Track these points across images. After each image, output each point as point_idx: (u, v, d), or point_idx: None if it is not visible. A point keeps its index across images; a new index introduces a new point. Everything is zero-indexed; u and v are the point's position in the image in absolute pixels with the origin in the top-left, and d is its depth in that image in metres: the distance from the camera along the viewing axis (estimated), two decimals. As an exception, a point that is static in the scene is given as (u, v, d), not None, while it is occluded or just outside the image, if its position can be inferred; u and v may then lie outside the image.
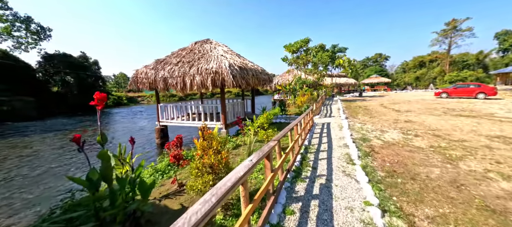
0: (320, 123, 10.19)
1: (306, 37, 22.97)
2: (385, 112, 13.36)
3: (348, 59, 26.71)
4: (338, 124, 9.48)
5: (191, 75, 8.76)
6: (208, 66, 8.58)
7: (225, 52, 9.97)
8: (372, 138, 7.05)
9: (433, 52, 63.87)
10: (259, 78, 11.07)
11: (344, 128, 8.31)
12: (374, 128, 8.75)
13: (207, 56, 9.35)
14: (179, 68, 9.19)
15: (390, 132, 8.00)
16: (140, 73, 10.06)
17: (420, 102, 18.73)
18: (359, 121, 10.55)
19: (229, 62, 8.71)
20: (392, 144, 6.38)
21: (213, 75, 8.37)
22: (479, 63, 53.29)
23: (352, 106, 17.62)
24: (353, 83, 41.66)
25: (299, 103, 14.89)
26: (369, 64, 71.95)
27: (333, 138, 7.18)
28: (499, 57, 52.73)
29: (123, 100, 49.07)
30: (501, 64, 48.69)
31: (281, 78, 28.34)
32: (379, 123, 9.72)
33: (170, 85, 9.22)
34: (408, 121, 10.02)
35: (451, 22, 54.82)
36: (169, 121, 10.90)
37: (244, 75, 9.12)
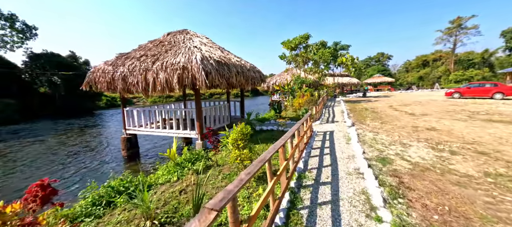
0: (321, 131, 8.19)
1: (305, 33, 21.01)
2: (397, 115, 11.36)
3: (351, 57, 24.74)
4: (344, 134, 7.48)
5: (154, 72, 6.81)
6: (174, 60, 6.62)
7: (201, 43, 8.01)
8: (393, 158, 5.06)
9: (436, 51, 62.10)
10: (247, 77, 9.09)
11: (353, 141, 6.32)
12: (391, 139, 6.75)
13: (177, 48, 7.39)
14: (140, 63, 7.23)
15: (414, 145, 6.01)
16: (97, 70, 8.11)
17: (432, 103, 16.73)
18: (369, 128, 8.56)
19: (203, 55, 6.75)
20: (426, 169, 4.38)
21: (180, 72, 6.41)
22: (484, 62, 51.34)
23: (357, 108, 15.62)
24: (356, 83, 39.69)
25: (296, 105, 12.90)
26: (371, 63, 69.94)
27: (339, 157, 5.18)
28: (505, 56, 50.73)
29: (117, 101, 47.23)
30: (507, 63, 46.69)
31: (280, 77, 26.37)
32: (395, 132, 7.72)
33: (130, 85, 7.26)
34: (431, 128, 8.02)
35: (456, 20, 52.91)
36: (137, 129, 8.94)
37: (223, 72, 7.15)
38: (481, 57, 50.43)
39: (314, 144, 6.42)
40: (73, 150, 10.58)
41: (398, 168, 4.44)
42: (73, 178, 7.18)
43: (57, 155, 9.81)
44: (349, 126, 8.88)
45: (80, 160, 9.03)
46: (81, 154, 9.87)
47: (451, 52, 55.07)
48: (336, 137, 7.10)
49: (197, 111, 7.46)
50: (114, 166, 8.38)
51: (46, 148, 11.18)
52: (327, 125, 9.33)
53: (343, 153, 5.43)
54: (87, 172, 7.68)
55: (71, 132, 15.37)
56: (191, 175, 5.10)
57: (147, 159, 9.20)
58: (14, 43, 35.33)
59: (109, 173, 7.64)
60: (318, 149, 5.88)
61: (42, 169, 8.02)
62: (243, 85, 9.29)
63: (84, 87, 8.43)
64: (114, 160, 9.06)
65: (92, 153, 10.04)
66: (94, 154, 9.80)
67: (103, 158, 9.34)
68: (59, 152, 10.37)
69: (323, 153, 5.57)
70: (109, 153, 9.95)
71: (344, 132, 7.79)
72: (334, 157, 5.18)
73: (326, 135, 7.48)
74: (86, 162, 8.73)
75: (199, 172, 5.21)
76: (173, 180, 5.05)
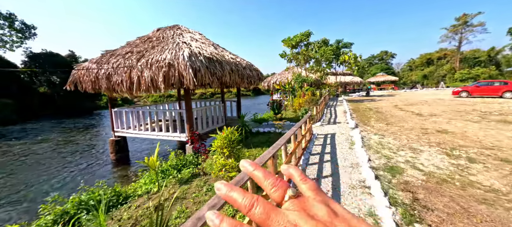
0: (321, 134, 7.57)
1: (307, 30, 20.36)
2: (404, 116, 10.68)
3: (354, 55, 23.97)
4: (346, 137, 6.84)
5: (138, 70, 6.24)
6: (160, 57, 6.05)
7: (192, 39, 7.42)
8: (403, 166, 4.43)
9: (441, 49, 61.08)
10: (242, 75, 8.50)
11: (357, 146, 5.69)
12: (399, 143, 6.11)
13: (164, 44, 6.81)
14: (125, 61, 6.67)
15: (426, 151, 5.37)
16: (82, 68, 7.58)
17: (439, 102, 15.98)
18: (374, 130, 7.91)
19: (191, 51, 6.16)
20: (443, 182, 3.75)
21: (166, 69, 5.83)
22: (491, 60, 50.18)
23: (361, 108, 14.94)
24: (359, 82, 38.88)
25: (296, 106, 12.26)
26: (374, 62, 68.91)
27: (341, 165, 4.56)
28: (512, 54, 49.57)
29: (117, 100, 46.96)
30: (514, 61, 45.60)
31: (280, 76, 25.73)
32: (402, 135, 7.07)
33: (115, 84, 6.70)
34: (442, 131, 7.35)
35: (462, 17, 51.79)
36: (126, 131, 8.41)
37: (214, 70, 6.55)
38: (488, 55, 49.31)
39: (314, 149, 5.80)
40: (59, 154, 10.08)
41: (410, 180, 3.82)
42: (52, 185, 6.65)
43: (41, 160, 9.32)
44: (352, 128, 8.24)
45: (64, 165, 8.51)
46: (67, 158, 9.36)
47: (457, 50, 54.03)
48: (338, 141, 6.47)
49: (187, 112, 6.89)
50: (100, 171, 7.85)
51: (30, 151, 10.71)
52: (329, 127, 8.70)
53: (345, 160, 4.81)
54: (68, 179, 7.15)
55: (64, 134, 14.93)
56: (173, 186, 4.53)
57: (137, 163, 8.68)
58: (14, 42, 35.20)
59: (93, 179, 7.12)
60: (317, 155, 5.26)
61: (18, 176, 7.51)
62: (238, 84, 8.71)
63: (68, 87, 7.91)
64: (101, 164, 8.53)
65: (79, 157, 9.53)
66: (81, 158, 9.29)
67: (90, 162, 8.81)
68: (43, 156, 9.89)
69: (323, 159, 4.96)
70: (97, 157, 9.43)
71: (346, 135, 7.16)
72: (336, 165, 4.57)
73: (327, 139, 6.86)
74: (70, 167, 8.21)
75: (183, 182, 4.64)
76: (153, 191, 4.48)
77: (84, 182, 6.73)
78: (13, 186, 6.57)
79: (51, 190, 6.25)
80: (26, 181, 7.00)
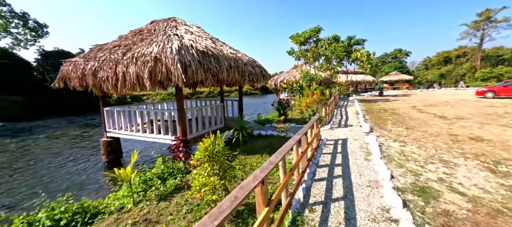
0: (331, 140, 6.63)
1: (316, 26, 19.26)
2: (425, 119, 9.51)
3: (367, 52, 22.57)
4: (360, 144, 5.88)
5: (124, 65, 5.55)
6: (146, 50, 5.32)
7: (186, 32, 6.67)
8: (438, 187, 3.46)
9: (460, 47, 57.85)
10: (243, 72, 7.67)
11: (374, 156, 4.74)
12: (426, 153, 5.09)
13: (154, 37, 6.09)
14: (111, 55, 6.01)
15: (462, 165, 4.35)
16: (70, 64, 7.01)
17: (463, 103, 14.52)
18: (392, 136, 6.89)
19: (182, 44, 5.39)
20: (497, 213, 2.78)
21: (152, 64, 5.09)
22: (516, 58, 46.86)
23: (374, 108, 13.76)
24: (371, 81, 37.17)
25: (303, 106, 11.30)
26: (387, 60, 66.22)
27: (356, 184, 3.65)
28: (540, 51, 46.06)
29: (127, 98, 47.38)
30: (542, 59, 42.33)
31: (288, 74, 24.72)
32: (427, 142, 6.02)
33: (101, 80, 6.06)
34: (476, 138, 6.23)
35: (484, 13, 48.53)
36: (117, 132, 7.81)
37: (209, 66, 5.76)
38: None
39: (322, 159, 4.89)
40: (52, 155, 9.66)
41: (451, 209, 2.87)
42: (36, 189, 6.10)
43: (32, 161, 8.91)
44: (367, 132, 7.25)
45: (55, 167, 8.03)
46: (60, 159, 8.90)
47: (478, 48, 50.80)
48: (351, 149, 5.53)
49: (179, 112, 6.15)
50: (90, 174, 7.28)
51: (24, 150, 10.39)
52: (339, 131, 7.73)
53: (361, 176, 3.89)
54: (54, 183, 6.61)
55: (64, 132, 14.69)
56: (151, 202, 3.78)
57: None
58: (28, 41, 36.16)
59: (79, 184, 6.55)
60: (326, 168, 4.36)
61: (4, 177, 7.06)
62: (238, 81, 7.90)
63: (57, 84, 7.39)
64: (93, 167, 7.99)
65: (72, 158, 9.05)
66: (73, 159, 8.80)
67: (82, 164, 8.30)
68: (38, 156, 9.50)
69: (333, 174, 4.06)
70: (90, 158, 8.91)
71: (361, 141, 6.19)
72: (349, 183, 3.66)
73: (337, 145, 5.92)
74: (60, 169, 7.71)
75: (163, 197, 3.89)
76: (127, 207, 3.76)
77: (67, 189, 6.17)
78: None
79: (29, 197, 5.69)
80: (7, 185, 6.51)
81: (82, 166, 7.99)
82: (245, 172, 4.63)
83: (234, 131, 6.00)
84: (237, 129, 5.85)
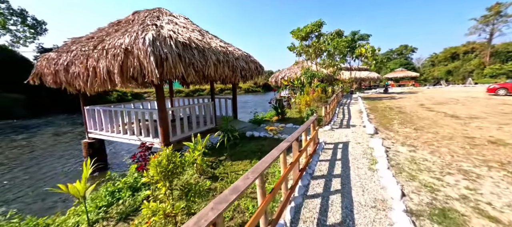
0: (330, 143, 5.91)
1: (318, 20, 18.38)
2: (435, 118, 8.71)
3: (372, 48, 21.61)
4: (364, 149, 5.14)
5: (94, 59, 4.90)
6: (117, 42, 4.65)
7: (169, 22, 5.97)
8: (461, 209, 2.74)
9: (468, 43, 56.21)
10: (235, 67, 6.99)
11: (380, 165, 4.01)
12: (441, 161, 4.35)
13: (130, 27, 5.42)
14: (82, 48, 5.36)
15: (486, 176, 3.61)
16: (43, 59, 6.40)
17: (474, 101, 13.60)
18: (400, 138, 6.14)
19: (159, 34, 4.71)
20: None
21: (122, 58, 4.43)
22: (527, 54, 45.23)
23: (379, 107, 12.94)
24: (376, 78, 36.08)
25: (302, 105, 10.56)
26: (393, 56, 64.71)
27: (358, 203, 2.95)
28: (552, 47, 44.31)
29: (127, 96, 47.03)
30: (555, 55, 40.68)
31: (289, 71, 23.89)
32: (440, 146, 5.27)
33: (72, 77, 5.43)
34: (497, 141, 5.45)
35: (494, 7, 46.80)
36: (98, 133, 7.21)
37: (191, 60, 5.07)
38: (523, 48, 44.46)
39: (318, 167, 4.18)
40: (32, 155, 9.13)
41: (484, 245, 2.16)
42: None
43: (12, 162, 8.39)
44: (371, 134, 6.51)
45: (34, 169, 7.48)
46: (40, 161, 8.36)
47: (487, 43, 49.17)
48: (353, 155, 4.81)
49: (160, 112, 5.50)
50: (69, 178, 6.70)
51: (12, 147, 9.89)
52: (340, 132, 7.00)
53: (365, 192, 3.18)
54: (29, 187, 6.04)
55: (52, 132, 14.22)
56: (108, 224, 3.14)
57: (115, 168, 7.50)
58: (27, 38, 35.98)
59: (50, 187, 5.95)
60: (322, 180, 3.66)
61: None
62: (229, 78, 7.20)
63: (31, 81, 6.80)
64: (74, 170, 7.43)
65: (55, 159, 8.51)
66: (55, 161, 8.26)
67: (64, 166, 7.75)
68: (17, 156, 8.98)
69: (330, 189, 3.36)
70: (75, 160, 8.36)
71: (364, 145, 5.46)
72: (349, 202, 2.96)
73: (337, 150, 5.20)
74: (40, 172, 7.16)
75: (124, 216, 3.25)
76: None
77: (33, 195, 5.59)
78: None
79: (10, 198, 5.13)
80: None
81: (56, 171, 7.42)
82: (228, 182, 3.96)
83: (223, 133, 5.33)
84: (224, 131, 5.18)
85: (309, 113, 7.64)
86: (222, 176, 4.30)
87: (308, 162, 4.16)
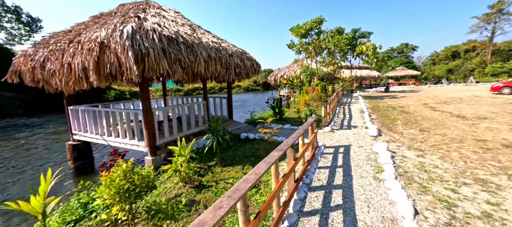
0: (330, 147, 5.46)
1: (318, 16, 17.85)
2: (441, 119, 8.26)
3: (373, 46, 21.12)
4: (367, 154, 4.69)
5: (70, 54, 4.44)
6: (93, 35, 4.18)
7: (155, 15, 5.50)
8: (488, 232, 2.31)
9: (469, 41, 55.81)
10: (228, 64, 6.52)
11: (387, 173, 3.56)
12: (454, 168, 3.90)
13: (110, 19, 4.95)
14: (58, 42, 4.89)
15: (506, 187, 3.17)
16: (21, 56, 5.93)
17: (478, 100, 13.16)
18: (405, 141, 5.69)
19: (141, 26, 4.24)
20: None
21: (98, 53, 3.97)
22: (530, 53, 44.83)
23: (381, 106, 12.49)
24: (376, 76, 35.61)
25: (301, 104, 10.10)
26: (393, 55, 64.16)
27: (362, 222, 2.50)
28: (554, 45, 43.87)
29: (126, 94, 46.46)
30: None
31: (289, 69, 23.40)
32: (451, 150, 4.83)
33: (48, 74, 4.96)
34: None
35: (496, 5, 46.28)
36: (83, 134, 6.76)
37: (177, 55, 4.60)
38: (525, 46, 44.03)
39: (316, 176, 3.73)
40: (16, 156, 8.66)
41: None
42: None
43: None
44: (374, 136, 6.06)
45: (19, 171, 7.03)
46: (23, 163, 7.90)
47: (489, 42, 48.68)
48: (356, 161, 4.36)
49: (144, 113, 5.04)
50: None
51: None
52: (341, 134, 6.55)
53: (370, 208, 2.73)
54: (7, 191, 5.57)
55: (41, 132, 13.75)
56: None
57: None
58: (22, 36, 35.40)
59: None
60: (321, 192, 3.21)
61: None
62: (222, 76, 6.73)
63: (9, 79, 6.32)
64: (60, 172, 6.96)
65: (41, 161, 8.06)
66: (42, 163, 7.81)
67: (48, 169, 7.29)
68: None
69: (330, 203, 2.91)
70: (62, 161, 7.91)
71: (367, 149, 5.01)
72: (352, 220, 2.51)
73: (338, 155, 4.75)
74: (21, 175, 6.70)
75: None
76: None
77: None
78: None
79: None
80: None
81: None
82: (215, 193, 3.51)
83: (210, 136, 4.87)
84: (213, 133, 4.72)
85: (307, 114, 7.19)
86: (210, 185, 3.85)
87: (305, 170, 3.71)
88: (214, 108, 9.24)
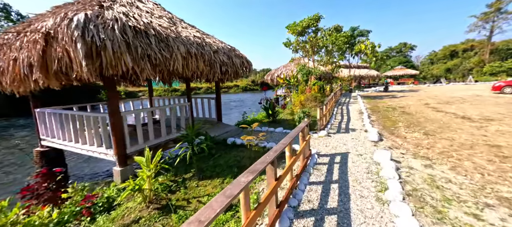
0: (326, 155, 4.81)
1: (316, 14, 17.21)
2: (445, 120, 7.65)
3: (372, 44, 20.52)
4: (368, 165, 4.04)
5: (17, 48, 3.75)
6: (39, 25, 3.50)
7: (127, 4, 4.81)
8: None
9: (468, 40, 55.58)
10: (213, 62, 5.84)
11: (392, 193, 2.92)
12: (470, 183, 3.27)
13: (64, 8, 4.25)
14: (6, 35, 4.20)
15: (541, 211, 2.54)
16: (-25, 51, 5.21)
17: (480, 100, 12.62)
18: (410, 147, 5.06)
19: (99, 15, 3.56)
20: None
21: (42, 46, 3.29)
22: (526, 52, 44.65)
23: (381, 107, 11.88)
24: (375, 76, 35.08)
25: (296, 105, 9.46)
26: (392, 54, 63.77)
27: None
28: (552, 44, 43.71)
29: (121, 95, 45.58)
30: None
31: (285, 68, 22.76)
32: (463, 158, 4.20)
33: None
34: (531, 152, 4.39)
35: (494, 4, 46.00)
36: (51, 140, 6.06)
37: (146, 50, 3.93)
38: (524, 45, 43.81)
39: (306, 196, 3.07)
40: None
41: None
42: None
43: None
44: (375, 141, 5.42)
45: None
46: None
47: (487, 41, 48.43)
48: (355, 175, 3.70)
49: (111, 116, 4.36)
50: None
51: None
52: (338, 139, 5.90)
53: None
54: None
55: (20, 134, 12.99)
56: None
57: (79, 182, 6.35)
58: (12, 34, 34.39)
59: None
60: (310, 219, 2.55)
61: None
62: (206, 74, 6.06)
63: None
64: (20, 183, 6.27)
65: (9, 168, 7.35)
66: (12, 170, 7.10)
67: (18, 177, 6.61)
68: None
69: (323, 234, 2.26)
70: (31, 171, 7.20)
71: (368, 158, 4.36)
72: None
73: (333, 167, 4.10)
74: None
75: None
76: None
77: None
78: None
79: None
80: None
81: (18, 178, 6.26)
82: (182, 218, 2.84)
83: (194, 145, 4.18)
84: (187, 141, 4.05)
85: (301, 116, 6.54)
86: (180, 205, 3.19)
87: (294, 187, 3.06)
88: (202, 110, 8.57)
